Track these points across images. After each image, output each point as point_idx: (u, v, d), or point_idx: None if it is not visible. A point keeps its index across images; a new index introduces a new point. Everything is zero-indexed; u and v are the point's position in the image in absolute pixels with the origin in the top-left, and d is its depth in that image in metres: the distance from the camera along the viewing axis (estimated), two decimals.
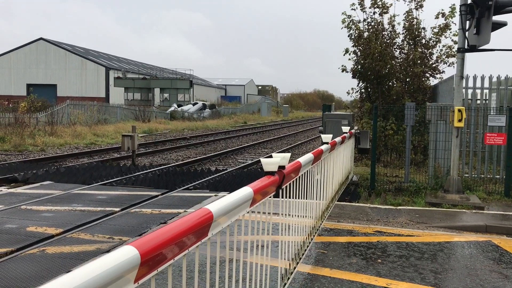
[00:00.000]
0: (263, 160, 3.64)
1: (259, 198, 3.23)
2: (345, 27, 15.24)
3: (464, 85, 10.87)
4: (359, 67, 15.14)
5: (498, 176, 10.66)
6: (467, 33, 8.73)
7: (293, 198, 4.21)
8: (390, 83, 15.42)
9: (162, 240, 1.88)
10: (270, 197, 3.57)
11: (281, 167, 3.71)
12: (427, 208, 8.37)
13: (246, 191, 2.94)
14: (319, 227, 5.73)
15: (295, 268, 4.32)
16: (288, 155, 3.77)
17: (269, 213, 3.55)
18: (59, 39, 60.12)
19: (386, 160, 13.57)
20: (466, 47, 8.81)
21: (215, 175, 11.62)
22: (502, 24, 8.55)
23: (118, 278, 1.56)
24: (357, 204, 8.78)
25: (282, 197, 3.87)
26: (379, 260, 5.54)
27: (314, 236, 5.32)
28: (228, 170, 12.74)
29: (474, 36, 8.58)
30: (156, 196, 8.93)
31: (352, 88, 16.14)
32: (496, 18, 8.50)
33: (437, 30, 15.03)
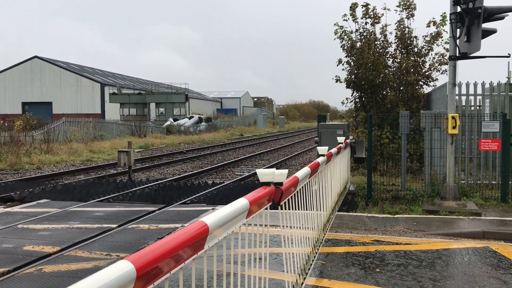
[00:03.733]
0: (259, 171, 3.65)
1: (255, 209, 3.23)
2: (337, 38, 15.37)
3: (457, 92, 10.95)
4: (352, 77, 15.23)
5: (494, 182, 10.69)
6: (458, 41, 8.83)
7: (293, 210, 4.20)
8: (384, 92, 15.52)
9: (158, 254, 1.89)
10: (266, 208, 3.58)
11: (279, 184, 3.70)
12: (425, 216, 8.38)
13: (241, 202, 2.94)
14: (322, 239, 5.72)
15: (302, 283, 4.28)
16: (285, 171, 3.76)
17: (266, 225, 3.55)
18: (45, 56, 60.04)
19: (383, 169, 13.59)
20: (457, 54, 8.91)
21: (212, 189, 11.61)
22: (492, 31, 8.66)
23: None
24: (354, 213, 8.78)
25: (282, 209, 3.86)
26: (378, 270, 5.53)
27: (318, 248, 5.31)
28: (225, 183, 12.74)
29: (465, 44, 8.67)
30: (153, 211, 8.90)
31: (347, 98, 16.23)
32: (486, 25, 8.61)
33: (429, 39, 15.18)
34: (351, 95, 16.01)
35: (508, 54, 9.07)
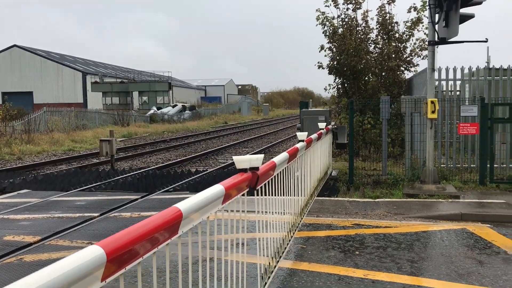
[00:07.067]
0: (236, 158, 3.67)
1: (231, 195, 3.26)
2: (319, 24, 15.37)
3: (436, 77, 11.07)
4: (335, 63, 15.28)
5: (473, 165, 10.88)
6: (436, 26, 8.91)
7: (270, 196, 4.24)
8: (366, 78, 15.60)
9: (129, 239, 1.90)
10: (243, 194, 3.61)
11: (255, 168, 3.73)
12: (405, 200, 8.51)
13: (217, 188, 2.97)
14: (299, 223, 5.79)
15: (275, 266, 4.36)
16: (261, 156, 3.79)
17: (243, 211, 3.58)
18: (24, 45, 58.90)
19: (365, 154, 13.73)
20: (436, 39, 8.99)
21: (195, 176, 11.61)
22: (469, 16, 8.74)
23: (83, 276, 1.59)
24: (336, 198, 8.88)
25: (259, 195, 3.90)
26: (357, 252, 5.63)
27: (294, 232, 5.37)
28: (208, 171, 12.75)
29: (444, 29, 8.75)
30: (136, 199, 8.89)
31: (329, 84, 16.27)
32: (464, 10, 8.69)
33: (410, 24, 15.25)
34: (334, 81, 16.07)
35: (486, 39, 9.18)
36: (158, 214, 2.27)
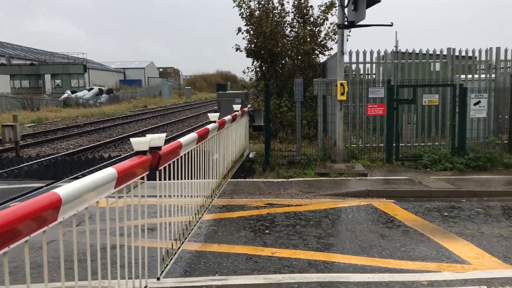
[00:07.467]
0: (133, 140, 3.52)
1: (127, 179, 3.12)
2: (236, 6, 15.28)
3: (347, 60, 11.45)
4: (252, 46, 15.30)
5: (381, 145, 11.42)
6: (346, 10, 9.15)
7: (177, 179, 4.13)
8: (283, 61, 15.78)
9: None
10: (143, 178, 3.47)
11: (157, 148, 3.60)
12: (316, 178, 8.76)
13: (107, 172, 2.82)
14: (209, 205, 5.74)
15: (179, 248, 4.29)
16: (163, 135, 3.67)
17: (142, 196, 3.46)
18: None
19: (282, 136, 13.96)
20: (345, 23, 9.24)
21: (108, 162, 11.17)
22: (375, 1, 9.06)
23: None
24: (251, 179, 8.95)
25: (164, 179, 3.78)
26: (267, 231, 5.70)
27: (202, 214, 5.32)
28: (122, 156, 12.32)
29: (353, 13, 9.01)
30: (41, 187, 8.37)
31: (248, 67, 16.31)
32: None
33: (324, 8, 15.59)
34: (252, 65, 16.12)
35: (391, 23, 9.59)
36: (32, 199, 2.10)
